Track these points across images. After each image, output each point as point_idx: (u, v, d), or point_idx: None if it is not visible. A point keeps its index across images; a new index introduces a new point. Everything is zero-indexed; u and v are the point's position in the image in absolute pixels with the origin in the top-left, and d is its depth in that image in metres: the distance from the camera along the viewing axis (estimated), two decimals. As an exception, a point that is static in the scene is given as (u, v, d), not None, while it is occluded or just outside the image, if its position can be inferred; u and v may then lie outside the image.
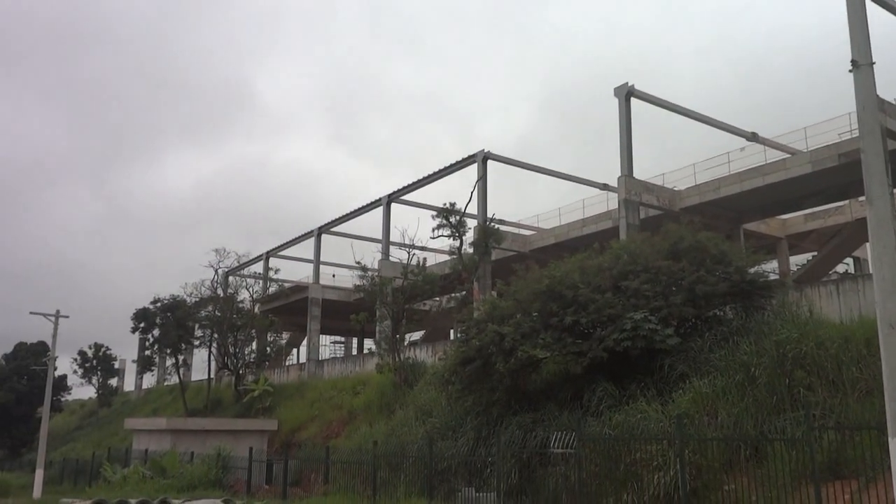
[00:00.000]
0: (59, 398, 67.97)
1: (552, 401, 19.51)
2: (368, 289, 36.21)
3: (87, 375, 70.01)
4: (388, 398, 31.65)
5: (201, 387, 55.85)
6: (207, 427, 34.60)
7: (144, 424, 37.39)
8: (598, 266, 20.61)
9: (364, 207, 50.04)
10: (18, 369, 66.26)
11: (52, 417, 64.01)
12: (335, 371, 46.26)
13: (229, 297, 50.93)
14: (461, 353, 21.02)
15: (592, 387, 18.48)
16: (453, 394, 22.40)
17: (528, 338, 19.16)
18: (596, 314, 18.67)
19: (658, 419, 15.89)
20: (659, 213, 34.81)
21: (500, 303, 21.95)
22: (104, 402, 71.66)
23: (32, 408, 65.02)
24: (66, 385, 69.84)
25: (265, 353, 51.50)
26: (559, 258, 23.11)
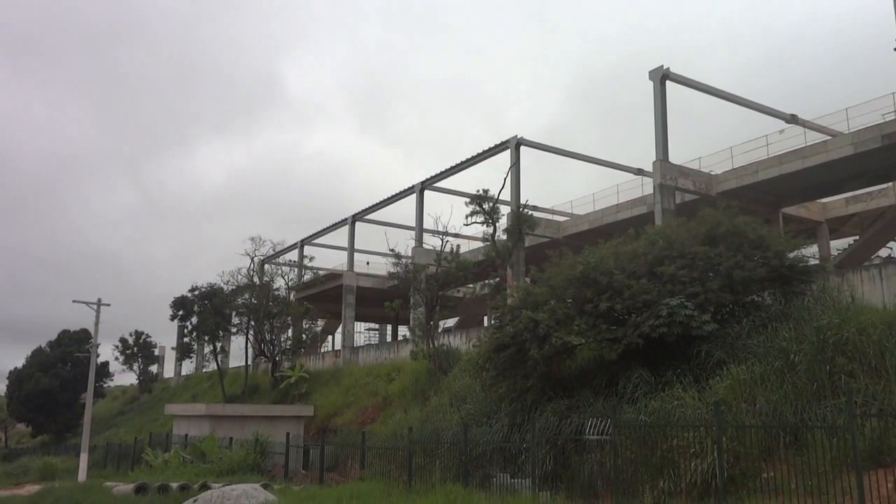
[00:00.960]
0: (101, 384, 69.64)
1: (587, 387, 19.46)
2: (402, 276, 36.37)
3: (128, 362, 71.44)
4: (423, 385, 31.82)
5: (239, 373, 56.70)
6: (245, 413, 35.12)
7: (184, 410, 38.07)
8: (633, 252, 20.43)
9: (397, 195, 50.18)
10: (62, 356, 67.93)
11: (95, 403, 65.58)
12: (370, 358, 46.62)
13: (265, 285, 51.51)
14: (495, 340, 21.03)
15: (627, 373, 18.39)
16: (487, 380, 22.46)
17: (562, 324, 19.08)
18: (631, 300, 18.53)
19: (695, 406, 15.75)
20: (695, 197, 34.39)
21: (534, 289, 21.89)
22: (145, 389, 73.14)
23: (76, 394, 66.69)
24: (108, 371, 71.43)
25: (301, 340, 52.08)
26: (593, 244, 22.97)
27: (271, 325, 50.38)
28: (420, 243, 44.50)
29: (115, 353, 71.49)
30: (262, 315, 49.14)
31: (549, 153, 41.44)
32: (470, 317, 60.60)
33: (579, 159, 42.84)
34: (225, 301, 50.71)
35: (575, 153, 42.31)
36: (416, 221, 47.07)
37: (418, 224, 46.79)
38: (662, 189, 31.95)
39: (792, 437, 13.96)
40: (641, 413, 16.45)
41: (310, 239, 61.58)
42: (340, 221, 57.01)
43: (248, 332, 51.67)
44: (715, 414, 13.94)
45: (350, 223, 55.24)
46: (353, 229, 55.35)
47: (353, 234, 55.24)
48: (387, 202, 51.59)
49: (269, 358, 50.79)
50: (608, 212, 41.41)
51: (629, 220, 38.04)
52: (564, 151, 41.86)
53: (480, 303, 41.80)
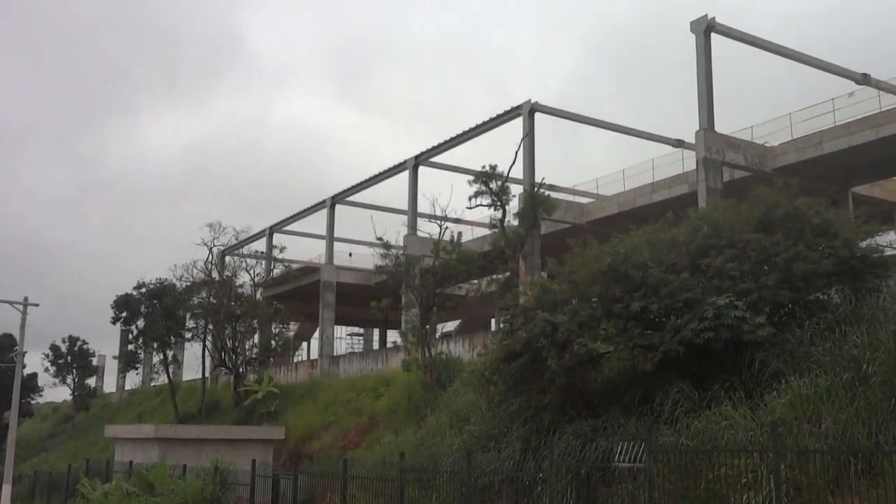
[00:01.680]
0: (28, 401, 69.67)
1: (616, 404, 19.41)
2: (392, 270, 36.33)
3: (60, 374, 71.52)
4: (417, 401, 31.81)
5: (195, 388, 56.77)
6: (202, 435, 35.10)
7: (128, 432, 38.07)
8: (672, 240, 20.35)
9: (386, 172, 50.17)
10: (-20, 367, 67.98)
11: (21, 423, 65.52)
12: (353, 369, 46.64)
13: (226, 281, 51.61)
14: (505, 347, 20.99)
15: (665, 387, 18.34)
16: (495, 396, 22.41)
17: (586, 328, 19.02)
18: (669, 299, 18.45)
19: (747, 427, 15.70)
20: (747, 174, 34.36)
21: (552, 286, 21.85)
22: (81, 406, 73.22)
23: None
24: (36, 385, 71.52)
25: (269, 348, 52.23)
26: (624, 231, 22.90)
27: (234, 330, 50.46)
28: (414, 230, 44.46)
29: (46, 364, 71.74)
30: (222, 317, 49.21)
31: (570, 121, 41.48)
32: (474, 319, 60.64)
33: (605, 128, 42.81)
34: (178, 300, 50.80)
35: (600, 121, 42.28)
36: (409, 204, 47.02)
37: (411, 207, 46.74)
38: (707, 164, 31.90)
39: (865, 465, 13.92)
40: (682, 436, 16.40)
41: (280, 225, 61.59)
42: (317, 204, 57.02)
43: (206, 338, 51.74)
44: (771, 437, 13.88)
45: (329, 206, 55.24)
46: (333, 214, 55.39)
47: (332, 219, 55.28)
48: (373, 181, 51.56)
49: (230, 369, 50.86)
50: (641, 192, 41.39)
51: (667, 202, 38.01)
52: (588, 119, 41.83)
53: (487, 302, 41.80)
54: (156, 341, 52.32)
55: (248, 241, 59.63)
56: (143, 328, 52.58)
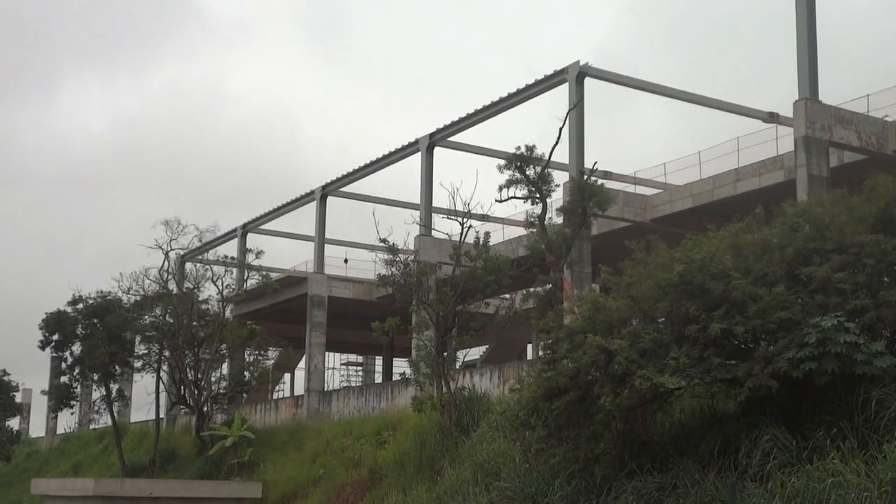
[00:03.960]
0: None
1: (689, 455, 19.39)
2: (400, 280, 36.26)
3: (-29, 415, 71.85)
4: (432, 450, 31.81)
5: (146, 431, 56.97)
6: (156, 492, 35.15)
7: (61, 488, 38.19)
8: (763, 243, 20.34)
9: (391, 156, 50.26)
10: None
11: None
12: (349, 408, 46.65)
13: (187, 295, 51.67)
14: (546, 382, 21.03)
15: (753, 434, 18.29)
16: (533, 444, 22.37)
17: (650, 357, 19.04)
18: (759, 319, 18.39)
19: (860, 486, 15.64)
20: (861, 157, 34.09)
21: (607, 302, 21.88)
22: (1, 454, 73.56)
23: None
24: (-57, 428, 71.89)
25: (242, 381, 52.28)
26: (699, 231, 22.82)
27: (196, 358, 50.58)
28: (428, 230, 44.44)
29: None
30: (182, 341, 49.37)
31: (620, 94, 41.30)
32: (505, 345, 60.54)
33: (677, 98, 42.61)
34: (125, 319, 50.95)
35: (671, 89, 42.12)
36: (422, 195, 46.98)
37: (425, 200, 46.71)
38: (809, 144, 31.71)
39: None
40: (775, 497, 16.37)
41: (256, 224, 61.80)
42: (303, 196, 57.18)
43: (161, 368, 51.87)
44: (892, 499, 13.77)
45: (318, 200, 55.36)
46: (324, 208, 55.45)
47: (323, 215, 55.39)
48: (374, 166, 51.65)
49: (192, 408, 51.02)
50: (723, 180, 41.15)
51: (756, 194, 37.81)
52: (655, 86, 41.68)
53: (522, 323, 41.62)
54: (96, 372, 52.36)
55: (214, 243, 59.81)
56: (79, 355, 52.64)
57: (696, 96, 42.78)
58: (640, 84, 41.47)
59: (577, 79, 38.87)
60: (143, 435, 58.08)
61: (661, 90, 42.02)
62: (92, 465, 59.74)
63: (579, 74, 38.94)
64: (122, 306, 52.04)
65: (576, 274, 36.43)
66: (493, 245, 37.92)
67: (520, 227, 45.26)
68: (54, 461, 67.61)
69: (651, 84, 41.75)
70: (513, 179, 34.44)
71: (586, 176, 36.56)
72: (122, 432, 55.77)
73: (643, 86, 41.64)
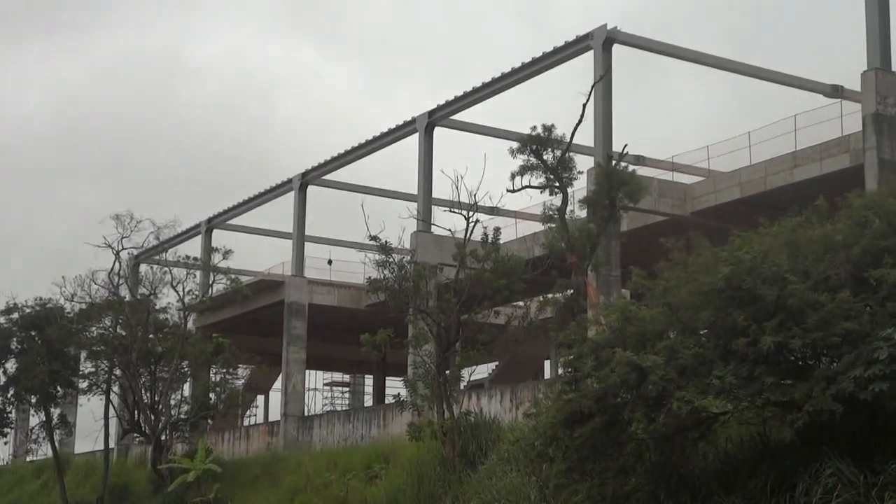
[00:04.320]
0: None
1: (736, 493, 19.41)
2: (394, 285, 36.30)
3: None
4: (432, 486, 31.88)
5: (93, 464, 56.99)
6: (105, 537, 35.24)
7: (-7, 531, 38.31)
8: (824, 241, 20.32)
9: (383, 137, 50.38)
10: None
11: None
12: (334, 436, 46.72)
13: (141, 303, 51.65)
14: (567, 405, 21.07)
15: (813, 467, 18.31)
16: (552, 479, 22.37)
17: (690, 376, 19.05)
18: (820, 331, 18.37)
19: (940, 529, 15.62)
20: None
21: (639, 311, 21.90)
22: (-79, 491, 73.76)
23: None
24: None
25: (207, 405, 52.25)
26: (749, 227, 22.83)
27: (153, 377, 50.60)
28: (427, 225, 44.39)
29: None
30: (135, 357, 49.38)
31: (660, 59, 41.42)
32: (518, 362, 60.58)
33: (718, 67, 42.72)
34: (68, 332, 50.94)
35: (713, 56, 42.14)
36: (420, 184, 47.05)
37: (424, 190, 46.75)
38: (880, 122, 31.80)
39: None
40: (840, 541, 16.35)
41: (223, 218, 61.93)
42: (278, 186, 57.32)
43: (111, 390, 51.88)
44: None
45: (297, 190, 55.38)
46: (304, 200, 55.46)
47: (303, 209, 55.43)
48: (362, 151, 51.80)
49: (148, 436, 51.00)
50: (776, 166, 41.11)
51: (816, 182, 37.85)
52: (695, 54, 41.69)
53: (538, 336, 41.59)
54: (34, 393, 52.50)
55: (174, 241, 59.74)
56: (14, 373, 52.74)
57: (745, 66, 42.81)
58: (679, 52, 41.53)
59: (604, 45, 38.85)
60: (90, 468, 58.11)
61: (702, 58, 42.13)
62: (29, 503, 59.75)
63: (606, 40, 38.89)
64: (65, 316, 52.01)
65: (602, 277, 36.46)
66: (503, 243, 37.89)
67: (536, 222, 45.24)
68: (-15, 498, 67.63)
69: (691, 52, 41.81)
70: (527, 165, 34.43)
71: (615, 161, 36.53)
72: (65, 465, 55.86)
73: (682, 54, 41.69)
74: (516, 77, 43.47)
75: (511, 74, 43.48)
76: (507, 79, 43.72)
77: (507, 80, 43.75)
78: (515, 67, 43.23)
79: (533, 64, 42.53)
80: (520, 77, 43.42)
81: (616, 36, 39.05)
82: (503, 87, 44.27)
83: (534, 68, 42.66)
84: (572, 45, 40.49)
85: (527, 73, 43.07)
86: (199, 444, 47.48)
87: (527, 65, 42.75)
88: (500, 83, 44.09)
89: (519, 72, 43.22)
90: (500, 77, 43.91)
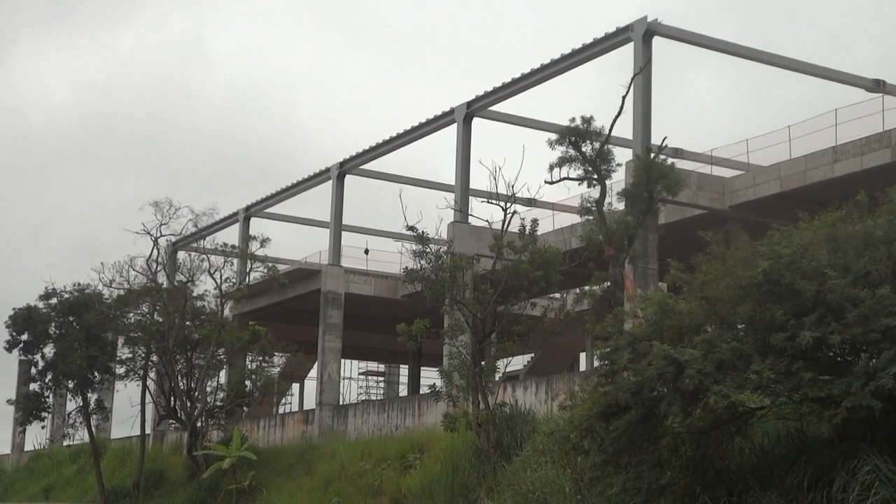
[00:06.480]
0: None
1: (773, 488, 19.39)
2: (431, 276, 36.26)
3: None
4: (466, 476, 31.92)
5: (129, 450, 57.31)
6: (140, 522, 35.38)
7: (30, 515, 38.52)
8: (865, 236, 20.18)
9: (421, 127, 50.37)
10: None
11: None
12: (369, 425, 46.75)
13: (179, 290, 51.81)
14: (603, 398, 21.01)
15: (851, 464, 18.27)
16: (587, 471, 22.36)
17: (728, 370, 18.99)
18: (860, 327, 18.28)
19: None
20: None
21: (676, 304, 21.89)
22: (-42, 474, 74.38)
23: None
24: None
25: (243, 392, 52.40)
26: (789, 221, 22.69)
27: (189, 364, 50.77)
28: (464, 216, 44.33)
29: None
30: (172, 344, 49.61)
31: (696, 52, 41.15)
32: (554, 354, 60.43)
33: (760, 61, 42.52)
34: (106, 317, 51.16)
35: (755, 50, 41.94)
36: (458, 174, 46.99)
37: (461, 181, 46.70)
38: (921, 119, 31.42)
39: None
40: (878, 538, 16.22)
41: (260, 206, 62.04)
42: (316, 175, 57.39)
43: (147, 376, 52.09)
44: None
45: (335, 179, 55.39)
46: (342, 190, 55.47)
47: (340, 198, 55.39)
48: (400, 141, 51.80)
49: (183, 423, 51.19)
50: (817, 160, 40.82)
51: (857, 176, 37.58)
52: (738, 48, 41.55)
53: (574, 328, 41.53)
54: (72, 379, 52.76)
55: (211, 228, 59.95)
56: (52, 359, 53.03)
57: (786, 60, 42.64)
58: (721, 45, 41.38)
59: (644, 38, 38.70)
60: (126, 454, 58.47)
61: (744, 52, 41.94)
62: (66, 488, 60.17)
63: (647, 32, 38.76)
64: (103, 302, 52.20)
65: (639, 270, 36.42)
66: (541, 235, 37.75)
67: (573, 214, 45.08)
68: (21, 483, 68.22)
69: (733, 45, 41.63)
70: (566, 157, 34.42)
71: (653, 154, 36.44)
72: (102, 450, 56.19)
73: (724, 47, 41.52)
74: (555, 69, 43.33)
75: (551, 66, 43.35)
76: (546, 70, 43.60)
77: (546, 71, 43.62)
78: (555, 58, 43.11)
79: (573, 55, 42.39)
80: (559, 69, 43.29)
81: (656, 28, 38.93)
82: (542, 79, 44.15)
83: (573, 59, 42.52)
84: (612, 36, 40.33)
85: (566, 64, 42.92)
86: (235, 431, 47.65)
87: (567, 56, 42.62)
88: (538, 74, 43.99)
89: (558, 63, 43.09)
90: (540, 68, 43.80)
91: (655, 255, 36.89)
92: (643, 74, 37.91)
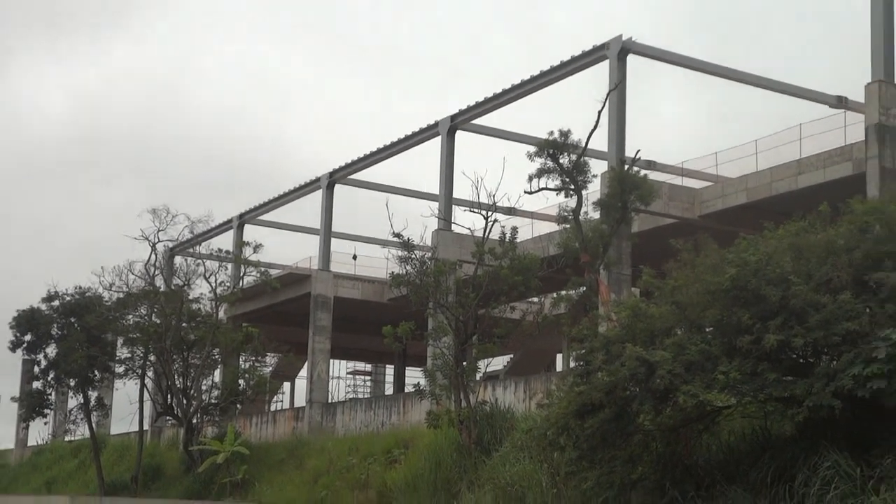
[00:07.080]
0: None
1: (738, 483, 19.50)
2: (415, 280, 36.48)
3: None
4: (448, 471, 32.03)
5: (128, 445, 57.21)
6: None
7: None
8: (827, 245, 20.42)
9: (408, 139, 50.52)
10: None
11: None
12: (356, 422, 46.88)
13: (176, 293, 51.86)
14: (578, 397, 21.15)
15: (812, 460, 18.42)
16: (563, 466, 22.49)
17: (696, 371, 19.19)
18: (822, 331, 18.53)
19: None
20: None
21: (648, 308, 21.99)
22: (-36, 469, 74.11)
23: None
24: None
25: (236, 390, 52.45)
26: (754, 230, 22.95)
27: (185, 363, 50.82)
28: (448, 224, 44.55)
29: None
30: (169, 345, 49.71)
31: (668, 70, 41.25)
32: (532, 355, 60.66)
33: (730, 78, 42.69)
34: (106, 319, 51.17)
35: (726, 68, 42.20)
36: (442, 185, 47.12)
37: (445, 190, 46.85)
38: (883, 133, 31.72)
39: None
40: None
41: (254, 214, 62.03)
42: (307, 185, 57.39)
43: (145, 375, 52.12)
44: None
45: (325, 188, 55.46)
46: (332, 198, 55.56)
47: (330, 206, 55.46)
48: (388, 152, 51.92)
49: (180, 420, 51.28)
50: (782, 173, 41.04)
51: (820, 188, 37.72)
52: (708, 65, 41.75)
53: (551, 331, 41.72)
54: (73, 377, 52.75)
55: (207, 234, 59.98)
56: (54, 358, 52.99)
57: (753, 77, 42.77)
58: (692, 63, 41.53)
59: (619, 55, 38.84)
60: (125, 449, 58.37)
61: (715, 70, 42.04)
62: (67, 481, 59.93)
63: (622, 51, 38.90)
64: (103, 304, 52.25)
65: (614, 276, 36.56)
66: (520, 242, 37.91)
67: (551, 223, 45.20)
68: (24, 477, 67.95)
69: (704, 63, 41.76)
70: (544, 168, 34.43)
71: (627, 166, 36.58)
72: (102, 445, 56.07)
73: (695, 65, 41.68)
74: (535, 84, 43.52)
75: (530, 82, 43.54)
76: (526, 85, 43.79)
77: (526, 86, 43.82)
78: (535, 75, 43.30)
79: (552, 71, 42.55)
80: (538, 84, 43.49)
81: (631, 46, 39.08)
82: (522, 94, 44.35)
83: (552, 76, 42.69)
84: (589, 54, 40.50)
85: (545, 80, 43.11)
86: (229, 427, 47.84)
87: (545, 72, 42.81)
88: (519, 89, 44.18)
89: (538, 79, 43.28)
90: (520, 84, 44.00)
91: (629, 261, 37.07)
92: (618, 90, 38.04)
